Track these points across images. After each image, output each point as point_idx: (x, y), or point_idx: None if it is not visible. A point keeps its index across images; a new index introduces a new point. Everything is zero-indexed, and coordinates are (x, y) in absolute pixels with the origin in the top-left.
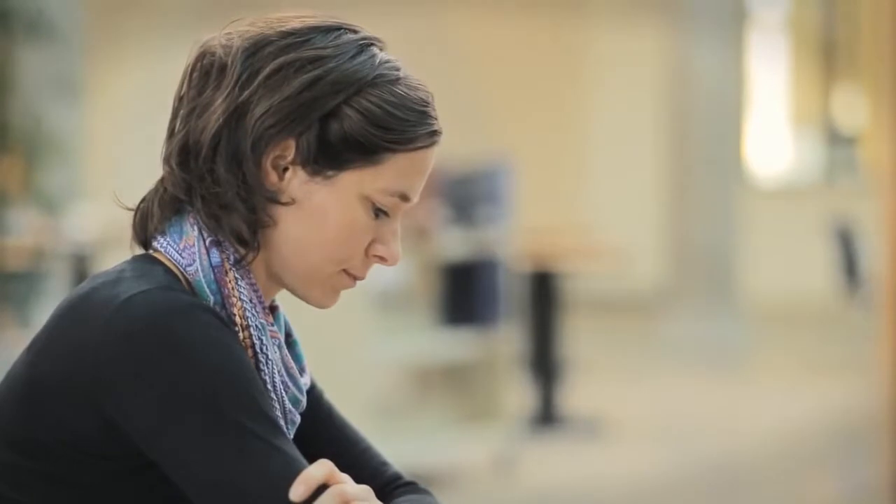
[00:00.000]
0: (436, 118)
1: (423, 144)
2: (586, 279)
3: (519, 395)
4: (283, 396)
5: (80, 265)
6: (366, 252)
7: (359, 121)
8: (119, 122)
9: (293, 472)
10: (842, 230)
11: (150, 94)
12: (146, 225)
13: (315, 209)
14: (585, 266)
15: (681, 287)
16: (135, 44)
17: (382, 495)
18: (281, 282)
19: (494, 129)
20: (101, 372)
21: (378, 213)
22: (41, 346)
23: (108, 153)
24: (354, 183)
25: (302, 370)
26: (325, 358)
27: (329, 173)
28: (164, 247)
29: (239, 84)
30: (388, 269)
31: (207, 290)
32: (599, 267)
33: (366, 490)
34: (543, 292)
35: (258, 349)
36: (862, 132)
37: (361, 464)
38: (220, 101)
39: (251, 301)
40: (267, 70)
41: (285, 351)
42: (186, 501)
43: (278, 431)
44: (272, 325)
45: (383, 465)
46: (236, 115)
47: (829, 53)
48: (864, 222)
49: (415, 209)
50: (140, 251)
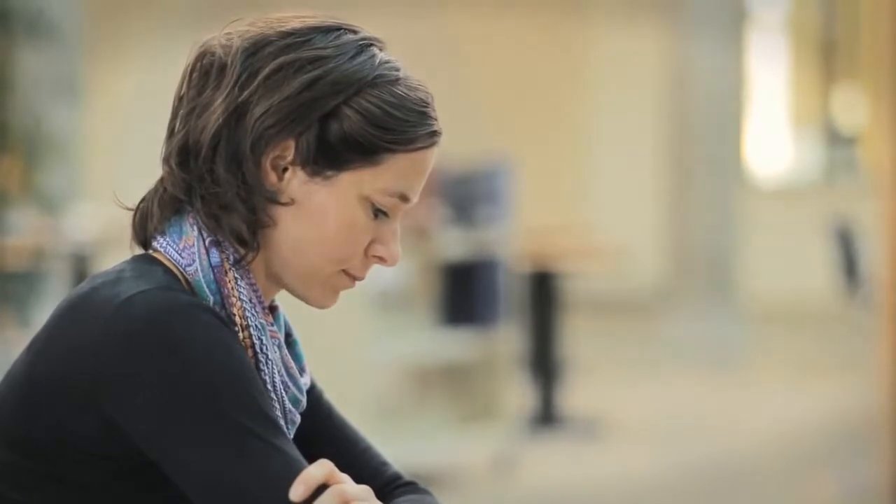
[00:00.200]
0: (435, 119)
1: (422, 145)
2: (586, 279)
3: (519, 395)
4: (283, 396)
5: (80, 265)
6: (365, 252)
7: (358, 121)
8: (119, 122)
9: (293, 472)
10: (842, 230)
11: (149, 94)
12: (146, 225)
13: (315, 209)
14: (585, 266)
15: (681, 287)
16: (135, 44)
17: (382, 495)
18: (280, 282)
19: (494, 129)
20: (100, 372)
21: (378, 213)
22: (41, 346)
23: (108, 153)
24: (354, 183)
25: (302, 370)
26: (325, 358)
27: (329, 174)
28: (163, 247)
29: (239, 84)
30: (388, 269)
31: (207, 290)
32: (599, 267)
33: (366, 490)
34: (543, 292)
35: (258, 349)
36: (862, 132)
37: (361, 464)
38: (219, 101)
39: (251, 301)
40: (267, 70)
41: (285, 351)
42: (186, 501)
43: (278, 431)
44: (272, 324)
45: (383, 465)
46: (236, 115)
47: (829, 53)
48: (864, 222)
49: (414, 209)
50: (140, 251)
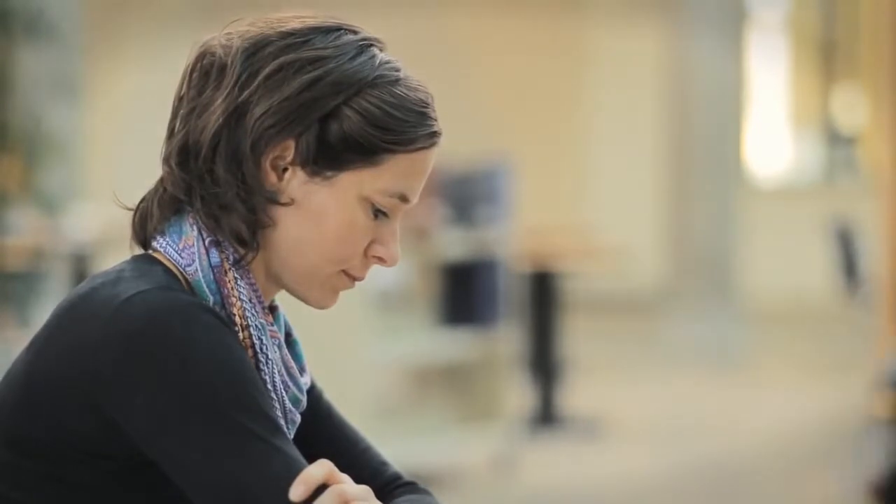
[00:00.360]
0: (435, 119)
1: (422, 145)
2: (586, 279)
3: (519, 395)
4: (283, 396)
5: (79, 265)
6: (365, 253)
7: (358, 121)
8: (119, 122)
9: (293, 472)
10: (841, 230)
11: (149, 94)
12: (145, 225)
13: (314, 210)
14: (585, 266)
15: (681, 287)
16: (135, 44)
17: (382, 495)
18: (280, 282)
19: (494, 129)
20: (100, 372)
21: (377, 213)
22: (41, 346)
23: (108, 153)
24: (354, 184)
25: (302, 370)
26: (325, 358)
27: (328, 174)
28: (163, 247)
29: (239, 84)
30: (388, 270)
31: (207, 290)
32: (599, 267)
33: (365, 490)
34: (543, 292)
35: (258, 349)
36: (862, 132)
37: (361, 464)
38: (219, 101)
39: (251, 301)
40: (267, 70)
41: (285, 351)
42: (187, 501)
43: (278, 431)
44: (272, 324)
45: (383, 464)
46: (236, 115)
47: (828, 53)
48: (864, 222)
49: (414, 209)
50: (139, 251)
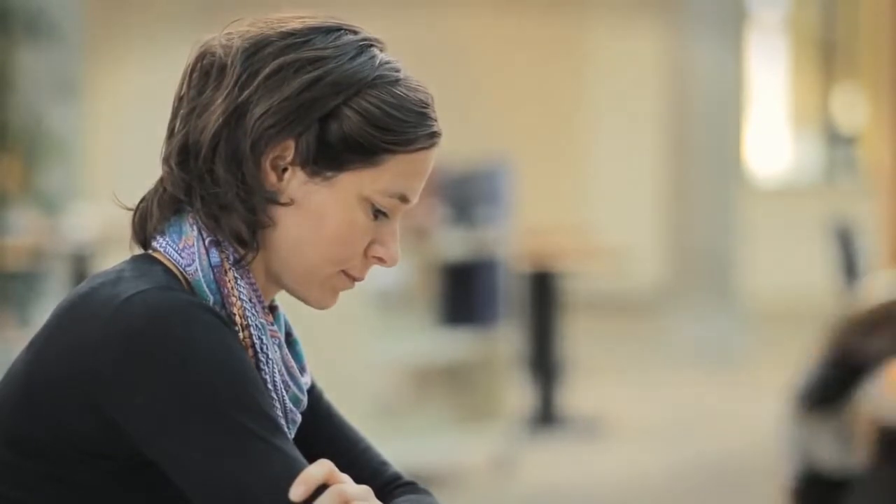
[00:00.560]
0: (435, 119)
1: (422, 146)
2: (586, 279)
3: (518, 395)
4: (283, 396)
5: (79, 265)
6: (365, 253)
7: (358, 122)
8: (119, 122)
9: (293, 472)
10: (841, 230)
11: (149, 94)
12: (145, 225)
13: (314, 210)
14: (585, 266)
15: (681, 287)
16: (135, 44)
17: (382, 495)
18: (280, 282)
19: (494, 129)
20: (100, 371)
21: (377, 214)
22: (41, 346)
23: (108, 153)
24: (354, 184)
25: (302, 369)
26: (325, 358)
27: (328, 174)
28: (163, 247)
29: (239, 84)
30: (388, 270)
31: (207, 290)
32: (599, 267)
33: (365, 490)
34: (543, 292)
35: (258, 348)
36: (861, 132)
37: (361, 464)
38: (219, 101)
39: (251, 301)
40: (267, 70)
41: (286, 350)
42: (186, 501)
43: (278, 431)
44: (272, 324)
45: (383, 464)
46: (236, 115)
47: (828, 53)
48: (864, 222)
49: (414, 209)
50: (139, 251)
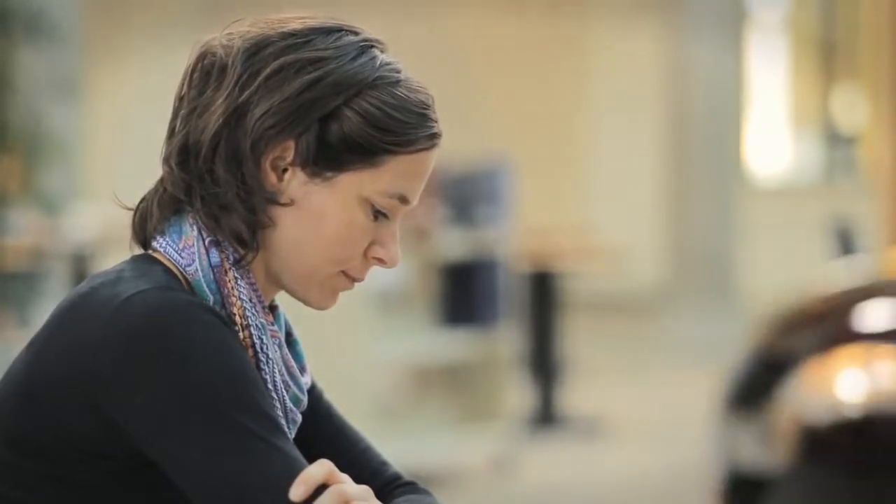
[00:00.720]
0: (436, 120)
1: (422, 147)
2: (586, 279)
3: (519, 395)
4: (283, 396)
5: (79, 265)
6: (364, 254)
7: (358, 122)
8: (119, 122)
9: (293, 471)
10: (841, 230)
11: (149, 94)
12: (145, 225)
13: (314, 210)
14: (585, 266)
15: (681, 287)
16: (135, 44)
17: (382, 495)
18: (280, 282)
19: (494, 129)
20: (100, 371)
21: (377, 215)
22: (40, 346)
23: (108, 153)
24: (354, 184)
25: (303, 369)
26: (325, 358)
27: (328, 175)
28: (163, 247)
29: (239, 84)
30: (388, 270)
31: (207, 290)
32: (599, 267)
33: (365, 490)
34: (543, 292)
35: (258, 348)
36: (861, 132)
37: (361, 464)
38: (220, 101)
39: (251, 300)
40: (267, 71)
41: (286, 350)
42: (186, 501)
43: (279, 431)
44: (272, 324)
45: (383, 464)
46: (236, 115)
47: (828, 53)
48: (864, 222)
49: (414, 209)
50: (139, 251)
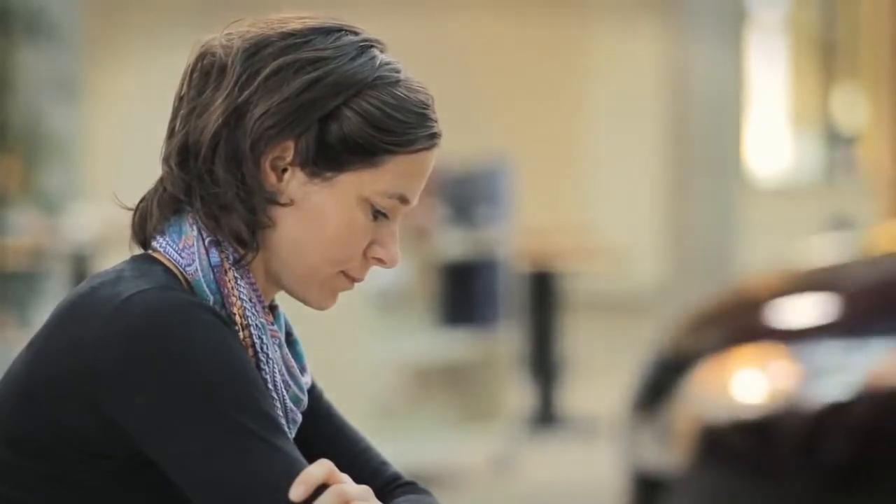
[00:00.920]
0: (435, 121)
1: (422, 147)
2: (586, 279)
3: (518, 395)
4: (283, 395)
5: (79, 265)
6: (364, 254)
7: (358, 122)
8: (119, 122)
9: (293, 471)
10: (841, 230)
11: (149, 94)
12: (145, 225)
13: (314, 210)
14: (585, 266)
15: (681, 287)
16: (135, 44)
17: (382, 495)
18: (279, 282)
19: (494, 128)
20: (100, 371)
21: (377, 215)
22: (40, 346)
23: (108, 153)
24: (353, 185)
25: (303, 369)
26: (325, 358)
27: (328, 175)
28: (163, 247)
29: (239, 85)
30: (388, 270)
31: (207, 290)
32: (599, 267)
33: (365, 490)
34: (543, 292)
35: (258, 348)
36: (861, 132)
37: (361, 463)
38: (219, 101)
39: (251, 300)
40: (267, 71)
41: (286, 350)
42: (187, 501)
43: (279, 431)
44: (272, 324)
45: (383, 464)
46: (236, 115)
47: (828, 53)
48: (864, 222)
49: (414, 209)
50: (139, 251)
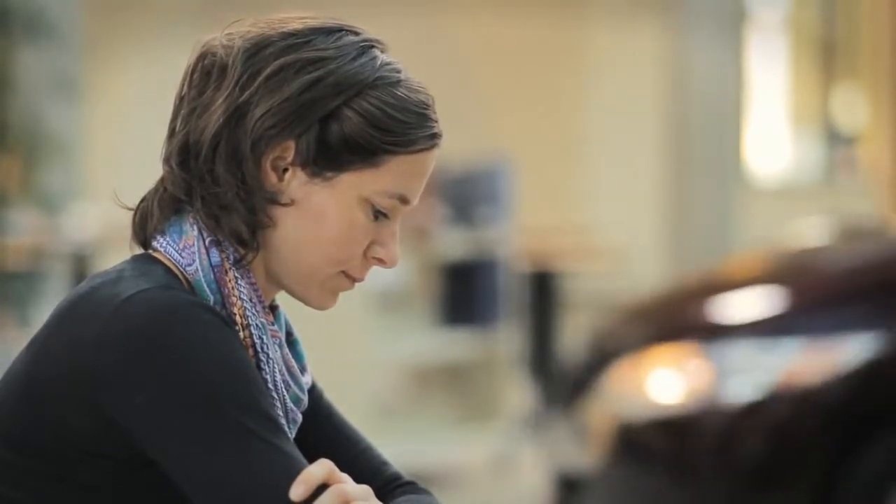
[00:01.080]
0: (436, 121)
1: (422, 147)
2: (586, 279)
3: (519, 395)
4: (284, 395)
5: (80, 265)
6: (364, 254)
7: (359, 122)
8: (119, 122)
9: (293, 471)
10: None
11: (150, 94)
12: (146, 225)
13: (314, 210)
14: (585, 266)
15: None
16: (135, 44)
17: (382, 495)
18: (280, 282)
19: (494, 128)
20: (100, 371)
21: (377, 215)
22: (40, 345)
23: (108, 153)
24: (354, 185)
25: (303, 369)
26: (325, 358)
27: (328, 175)
28: (163, 247)
29: (239, 85)
30: (388, 270)
31: (207, 290)
32: (599, 267)
33: (366, 490)
34: (543, 292)
35: (259, 348)
36: (861, 132)
37: (361, 463)
38: (220, 101)
39: (251, 300)
40: (267, 71)
41: (286, 350)
42: (187, 501)
43: (279, 431)
44: (273, 324)
45: (383, 464)
46: (236, 115)
47: (828, 53)
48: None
49: (414, 209)
50: (140, 251)
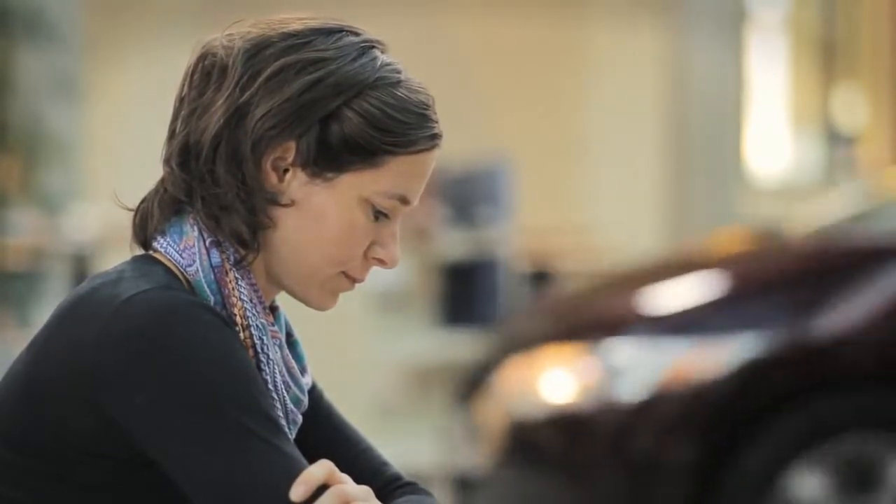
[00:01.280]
0: (436, 121)
1: (423, 147)
2: (586, 279)
3: None
4: (284, 396)
5: (80, 265)
6: (365, 254)
7: (359, 123)
8: (119, 122)
9: (294, 472)
10: None
11: (150, 94)
12: (146, 225)
13: (315, 211)
14: (585, 266)
15: None
16: (135, 44)
17: (382, 496)
18: (280, 283)
19: (494, 128)
20: (100, 371)
21: (378, 215)
22: (41, 346)
23: (108, 153)
24: (354, 185)
25: (303, 370)
26: (325, 358)
27: (329, 175)
28: (164, 247)
29: (240, 85)
30: (388, 270)
31: (207, 291)
32: (599, 267)
33: (366, 490)
34: (543, 292)
35: (259, 349)
36: (861, 132)
37: (361, 464)
38: (220, 102)
39: (251, 301)
40: (268, 71)
41: (286, 351)
42: (187, 501)
43: (279, 431)
44: (273, 324)
45: (383, 465)
46: (237, 116)
47: (828, 53)
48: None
49: (414, 209)
50: (140, 251)
